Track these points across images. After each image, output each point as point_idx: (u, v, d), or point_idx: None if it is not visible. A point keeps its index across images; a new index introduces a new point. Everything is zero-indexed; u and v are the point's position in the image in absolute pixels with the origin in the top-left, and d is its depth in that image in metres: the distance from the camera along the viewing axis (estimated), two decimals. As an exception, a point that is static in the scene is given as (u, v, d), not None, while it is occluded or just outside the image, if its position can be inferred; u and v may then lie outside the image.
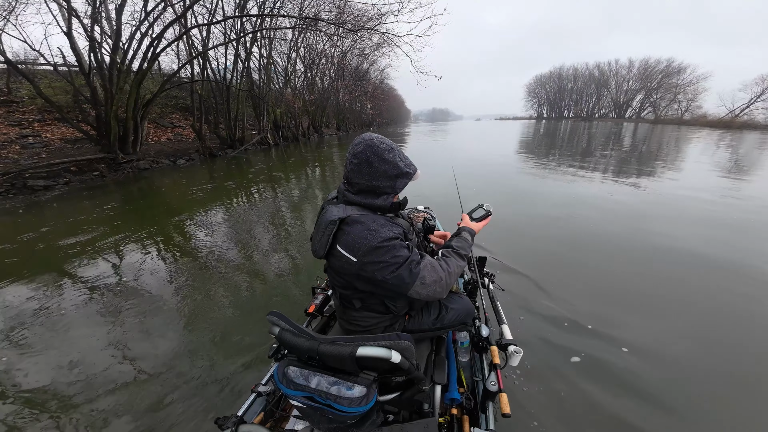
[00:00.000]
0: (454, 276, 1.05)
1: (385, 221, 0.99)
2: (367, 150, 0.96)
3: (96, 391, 1.82)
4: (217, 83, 13.65)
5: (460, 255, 1.12)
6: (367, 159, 0.96)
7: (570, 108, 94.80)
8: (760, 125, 35.61)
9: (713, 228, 4.10)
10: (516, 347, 1.15)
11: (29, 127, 9.88)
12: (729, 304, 2.49)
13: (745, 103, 46.80)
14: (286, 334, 0.89)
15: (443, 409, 1.16)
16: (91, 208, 5.76)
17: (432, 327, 1.20)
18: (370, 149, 0.96)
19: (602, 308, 2.46)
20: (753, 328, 2.23)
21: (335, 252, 0.97)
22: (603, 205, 5.19)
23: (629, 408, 1.62)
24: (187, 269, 3.33)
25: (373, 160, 0.96)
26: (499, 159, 11.09)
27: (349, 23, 11.37)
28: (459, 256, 1.11)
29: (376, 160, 0.97)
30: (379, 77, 41.91)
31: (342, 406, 0.81)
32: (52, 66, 8.52)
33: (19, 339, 2.29)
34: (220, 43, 12.57)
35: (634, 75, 72.98)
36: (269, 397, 1.21)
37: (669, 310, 2.44)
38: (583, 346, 2.03)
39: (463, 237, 1.19)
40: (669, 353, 2.00)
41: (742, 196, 5.69)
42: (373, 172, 0.97)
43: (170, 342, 2.23)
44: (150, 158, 10.40)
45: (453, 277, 1.04)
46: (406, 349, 0.82)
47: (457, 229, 1.26)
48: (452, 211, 2.06)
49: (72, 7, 7.58)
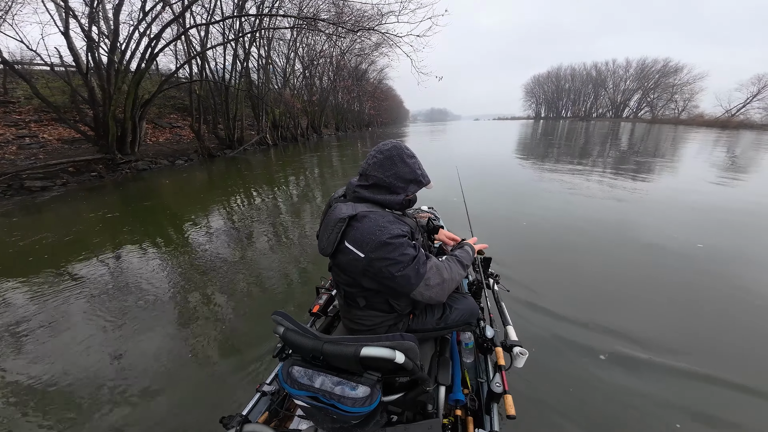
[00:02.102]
0: (455, 282, 1.09)
1: (393, 218, 1.01)
2: (394, 150, 1.05)
3: (95, 392, 1.81)
4: (215, 83, 13.62)
5: (462, 264, 1.16)
6: (391, 157, 1.04)
7: (568, 108, 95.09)
8: (756, 125, 35.78)
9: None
10: (521, 348, 1.14)
11: (26, 127, 9.82)
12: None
13: (741, 103, 47.04)
14: (290, 333, 0.88)
15: (447, 410, 1.15)
16: (88, 209, 5.73)
17: (436, 327, 1.20)
18: (397, 150, 1.06)
19: (605, 310, 2.46)
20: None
21: (342, 248, 0.98)
22: (599, 204, 5.21)
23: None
24: (188, 270, 3.32)
25: (396, 159, 1.04)
26: (500, 159, 11.11)
27: (349, 23, 11.37)
28: (461, 264, 1.15)
29: (399, 160, 1.05)
30: (378, 77, 41.95)
31: (346, 406, 0.81)
32: (49, 66, 8.48)
33: (16, 340, 2.28)
34: (219, 43, 12.55)
35: (632, 75, 73.30)
36: (274, 396, 1.20)
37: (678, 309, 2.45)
38: (604, 345, 2.04)
39: (465, 249, 1.25)
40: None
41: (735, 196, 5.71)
42: (392, 171, 1.04)
43: (173, 342, 2.22)
44: (148, 159, 10.37)
45: (454, 283, 1.08)
46: (410, 349, 0.82)
47: (459, 242, 1.34)
48: (456, 212, 2.07)
49: (69, 6, 7.56)
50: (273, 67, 18.72)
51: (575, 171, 8.13)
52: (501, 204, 5.29)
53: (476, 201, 5.33)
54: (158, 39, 9.00)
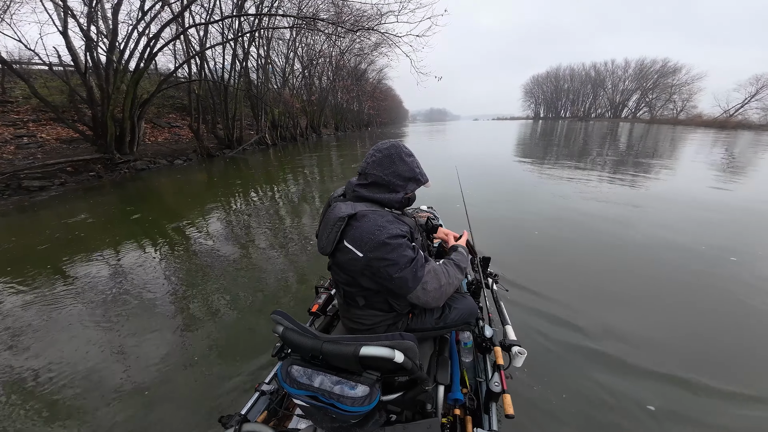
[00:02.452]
0: (453, 287, 1.08)
1: (393, 218, 1.01)
2: (392, 149, 1.06)
3: (94, 393, 1.81)
4: (214, 83, 13.60)
5: (460, 267, 1.15)
6: (390, 155, 1.05)
7: (567, 108, 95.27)
8: (754, 125, 35.91)
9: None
10: (520, 348, 1.15)
11: (24, 127, 9.78)
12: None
13: (739, 103, 47.21)
14: (289, 333, 0.88)
15: (446, 409, 1.15)
16: (86, 209, 5.71)
17: (435, 326, 1.20)
18: (395, 148, 1.07)
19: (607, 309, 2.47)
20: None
21: (342, 247, 0.98)
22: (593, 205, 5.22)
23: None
24: (185, 269, 3.31)
25: (395, 158, 1.05)
26: (499, 160, 11.12)
27: (348, 23, 11.37)
28: (458, 268, 1.15)
29: (398, 159, 1.06)
30: (377, 77, 41.95)
31: (345, 405, 0.81)
32: (48, 65, 8.45)
33: (14, 342, 2.27)
34: (218, 43, 12.52)
35: (630, 75, 73.50)
36: (273, 395, 1.20)
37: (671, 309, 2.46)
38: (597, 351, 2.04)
39: (459, 251, 1.24)
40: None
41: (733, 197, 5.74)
42: (391, 169, 1.05)
43: (172, 342, 2.21)
44: (147, 158, 10.34)
45: (452, 287, 1.08)
46: (409, 348, 0.82)
47: (452, 246, 1.32)
48: (455, 212, 2.06)
49: (68, 6, 7.53)
50: (272, 66, 18.69)
51: (574, 171, 8.15)
52: (501, 204, 5.29)
53: (476, 201, 5.35)
54: (157, 38, 8.98)
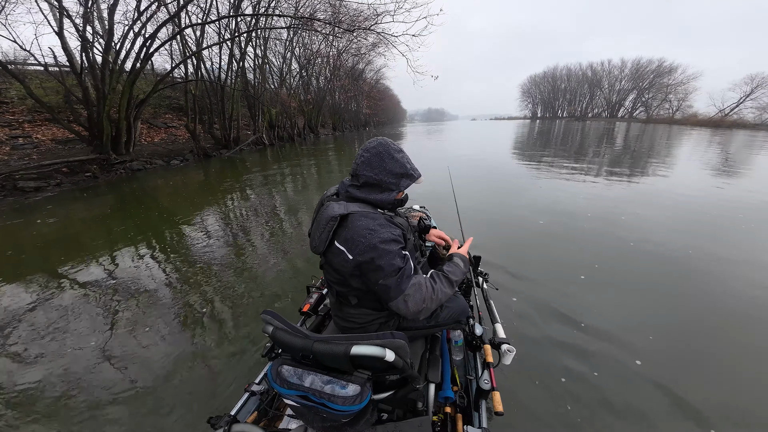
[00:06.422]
0: (436, 303, 1.03)
1: (385, 221, 1.00)
2: (380, 147, 1.04)
3: (92, 393, 1.81)
4: (211, 83, 13.55)
5: (450, 281, 1.10)
6: (379, 154, 1.03)
7: (564, 108, 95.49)
8: (749, 124, 36.21)
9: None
10: (509, 346, 1.16)
11: (19, 127, 9.72)
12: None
13: (734, 103, 47.59)
14: (280, 332, 0.89)
15: (437, 407, 1.16)
16: (83, 210, 5.68)
17: (426, 325, 1.21)
18: (383, 146, 1.05)
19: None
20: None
21: (333, 248, 0.99)
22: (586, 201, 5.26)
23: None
24: (180, 270, 3.30)
25: (384, 155, 1.04)
26: (498, 160, 11.15)
27: (345, 23, 11.37)
28: (449, 282, 1.10)
29: (387, 156, 1.04)
30: (375, 77, 41.93)
31: (336, 404, 0.81)
32: (43, 66, 8.39)
33: (11, 343, 2.26)
34: (215, 43, 12.48)
35: (627, 75, 73.75)
36: (263, 396, 1.20)
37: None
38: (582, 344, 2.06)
39: (454, 262, 1.17)
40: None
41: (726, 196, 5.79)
42: (382, 167, 1.03)
43: (164, 343, 2.21)
44: (143, 159, 10.29)
45: (435, 303, 1.03)
46: (400, 347, 0.83)
47: (450, 254, 1.25)
48: (447, 212, 2.07)
49: (63, 6, 7.49)
50: (269, 66, 18.65)
51: (573, 171, 8.19)
52: (491, 204, 5.32)
53: (470, 201, 5.38)
54: (153, 39, 8.94)
